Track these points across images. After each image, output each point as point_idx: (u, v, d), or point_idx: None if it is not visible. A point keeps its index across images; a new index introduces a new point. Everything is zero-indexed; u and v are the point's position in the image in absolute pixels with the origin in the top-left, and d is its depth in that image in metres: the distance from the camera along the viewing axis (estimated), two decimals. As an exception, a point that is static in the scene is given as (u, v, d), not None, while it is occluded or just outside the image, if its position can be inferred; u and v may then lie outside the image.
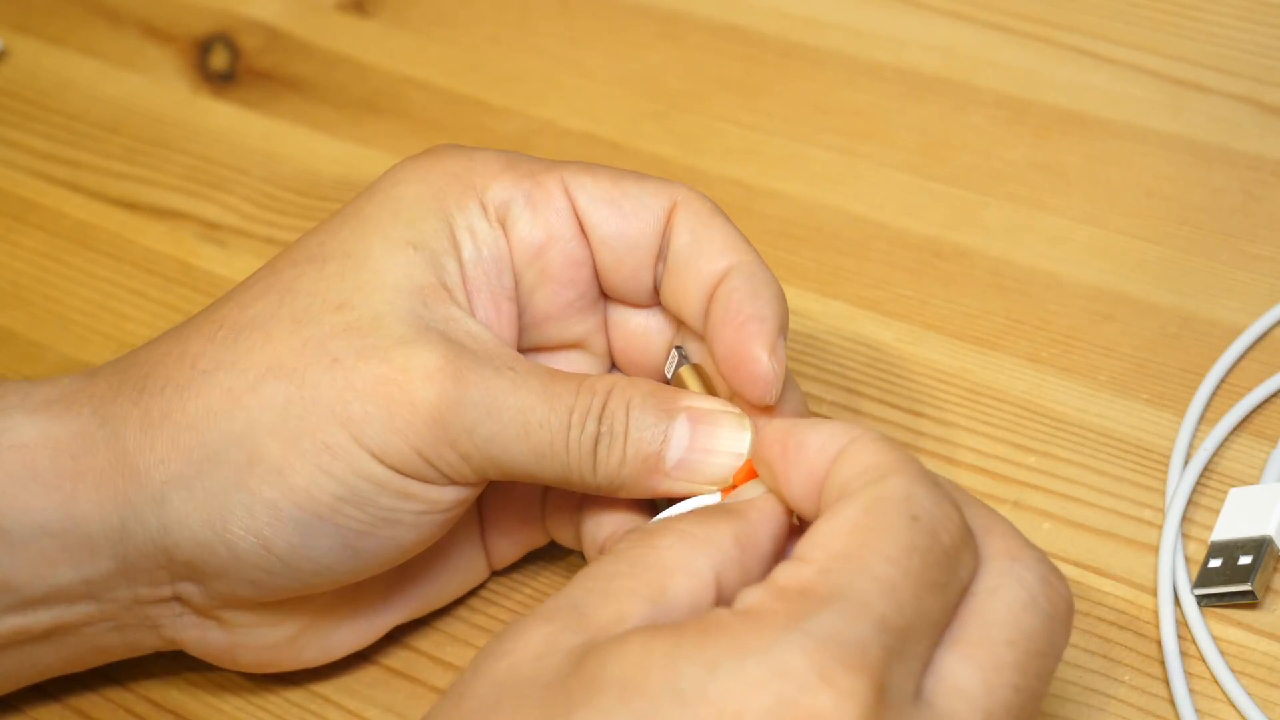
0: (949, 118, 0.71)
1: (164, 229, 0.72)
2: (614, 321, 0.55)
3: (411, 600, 0.55)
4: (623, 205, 0.53)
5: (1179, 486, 0.56)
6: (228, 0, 0.82)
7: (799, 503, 0.46)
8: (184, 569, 0.51)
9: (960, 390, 0.61)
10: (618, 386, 0.50)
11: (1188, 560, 0.55)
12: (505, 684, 0.42)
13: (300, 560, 0.50)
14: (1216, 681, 0.52)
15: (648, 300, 0.54)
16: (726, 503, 0.48)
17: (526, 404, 0.50)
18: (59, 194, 0.75)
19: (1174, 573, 0.54)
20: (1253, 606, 0.54)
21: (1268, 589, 0.54)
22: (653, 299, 0.54)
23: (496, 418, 0.49)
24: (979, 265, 0.65)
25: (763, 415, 0.51)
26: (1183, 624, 0.53)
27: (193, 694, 0.56)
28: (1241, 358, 0.60)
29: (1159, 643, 0.53)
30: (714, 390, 0.52)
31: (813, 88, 0.73)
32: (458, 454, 0.50)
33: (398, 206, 0.52)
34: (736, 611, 0.42)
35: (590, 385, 0.50)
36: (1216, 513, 0.56)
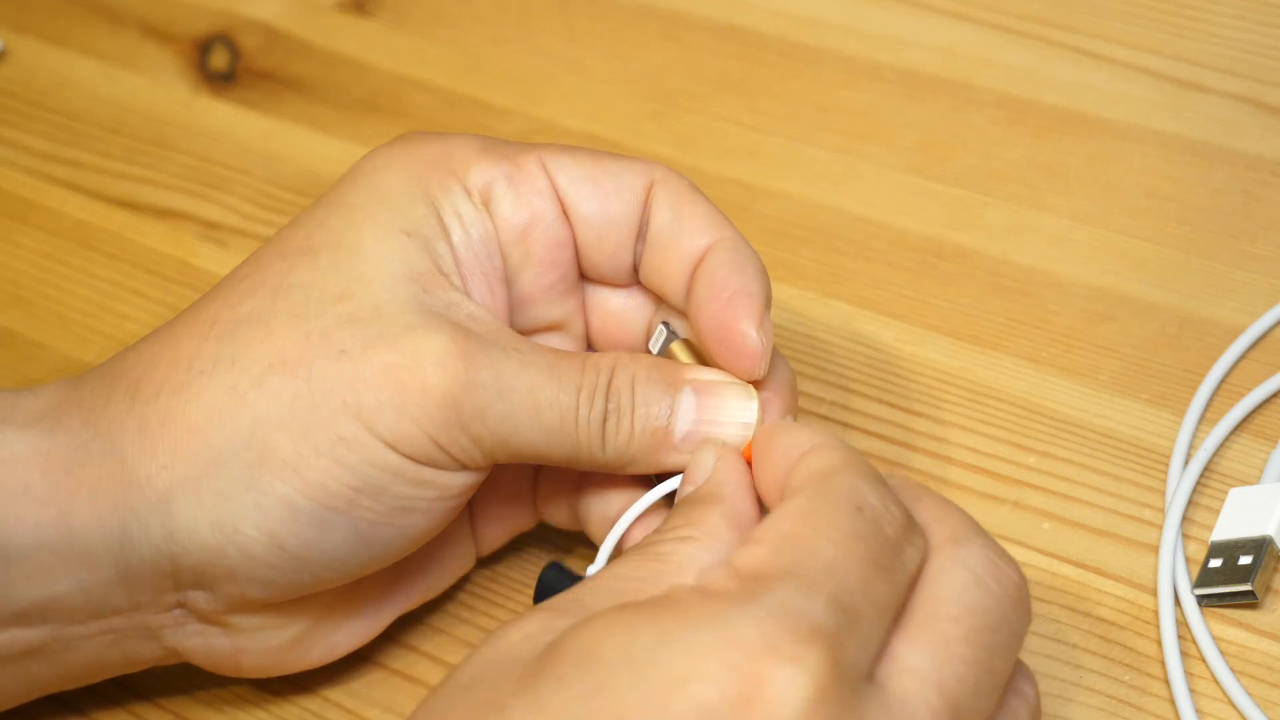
0: (949, 118, 0.71)
1: (164, 229, 0.72)
2: (592, 303, 0.55)
3: (410, 592, 0.55)
4: (603, 183, 0.53)
5: (1179, 486, 0.56)
6: (228, 0, 0.82)
7: (766, 498, 0.48)
8: (189, 575, 0.51)
9: (960, 390, 0.61)
10: (620, 363, 0.51)
11: (1188, 560, 0.55)
12: (491, 660, 0.44)
13: (314, 554, 0.50)
14: (1216, 681, 0.52)
15: (626, 280, 0.54)
16: (700, 489, 0.49)
17: (535, 383, 0.50)
18: (59, 194, 0.75)
19: (1174, 573, 0.54)
20: (1253, 606, 0.54)
21: (1268, 589, 0.54)
22: (631, 279, 0.54)
23: (507, 399, 0.50)
24: (979, 265, 0.65)
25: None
26: (1183, 624, 0.53)
27: (193, 695, 0.56)
28: (1241, 358, 0.60)
29: (1159, 643, 0.53)
30: (707, 363, 0.53)
31: (813, 88, 0.73)
32: (470, 437, 0.50)
33: (384, 193, 0.52)
34: (694, 589, 0.44)
35: (595, 363, 0.51)
36: (1216, 513, 0.56)
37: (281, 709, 0.56)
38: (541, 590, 0.56)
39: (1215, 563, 0.54)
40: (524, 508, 0.56)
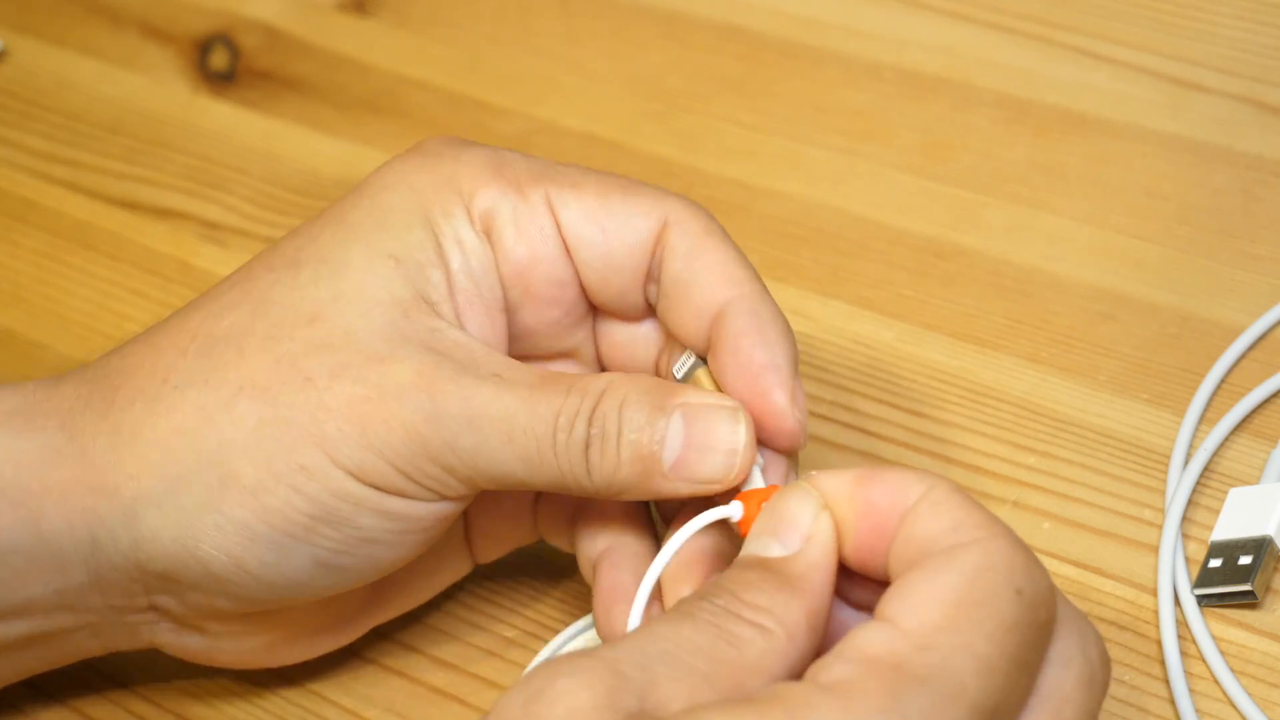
0: (949, 118, 0.71)
1: (164, 229, 0.72)
2: (603, 331, 0.54)
3: (391, 603, 0.55)
4: (607, 226, 0.51)
5: (1179, 486, 0.56)
6: (228, 0, 0.82)
7: (861, 556, 0.44)
8: (158, 582, 0.50)
9: (960, 390, 0.61)
10: (612, 385, 0.49)
11: (1188, 560, 0.55)
12: None
13: (274, 576, 0.50)
14: (1216, 681, 0.52)
15: (638, 315, 0.53)
16: (785, 569, 0.44)
17: (509, 411, 0.48)
18: (59, 194, 0.75)
19: (1174, 573, 0.54)
20: (1253, 606, 0.54)
21: (1268, 589, 0.54)
22: (643, 314, 0.53)
23: (477, 429, 0.48)
24: (979, 265, 0.65)
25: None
26: (1183, 624, 0.53)
27: (192, 693, 0.56)
28: (1241, 358, 0.60)
29: (1159, 643, 0.53)
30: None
31: (813, 88, 0.73)
32: (441, 467, 0.49)
33: (384, 215, 0.51)
34: (822, 686, 0.40)
35: (582, 386, 0.49)
36: (1216, 513, 0.56)
37: (280, 708, 0.56)
38: None
39: (1215, 563, 0.54)
40: (525, 525, 0.55)
